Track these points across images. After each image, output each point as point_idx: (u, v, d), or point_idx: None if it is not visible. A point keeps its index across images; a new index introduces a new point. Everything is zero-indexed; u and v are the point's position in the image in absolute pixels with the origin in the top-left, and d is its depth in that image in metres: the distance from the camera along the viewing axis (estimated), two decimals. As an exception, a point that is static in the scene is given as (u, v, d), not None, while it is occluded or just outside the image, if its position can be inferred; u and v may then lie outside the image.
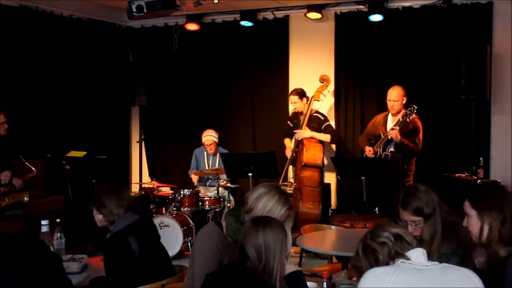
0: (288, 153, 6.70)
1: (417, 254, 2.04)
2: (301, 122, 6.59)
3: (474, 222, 2.50)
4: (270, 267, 2.27)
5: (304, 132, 6.50)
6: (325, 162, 6.65)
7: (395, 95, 5.94)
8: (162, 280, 3.02)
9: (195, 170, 7.06)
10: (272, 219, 2.44)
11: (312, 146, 6.46)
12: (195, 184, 7.00)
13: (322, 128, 6.53)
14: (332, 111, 7.18)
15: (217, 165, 6.92)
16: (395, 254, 2.05)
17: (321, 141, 6.53)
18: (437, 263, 2.06)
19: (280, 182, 6.40)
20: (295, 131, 6.60)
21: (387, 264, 2.04)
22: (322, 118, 6.58)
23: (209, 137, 6.96)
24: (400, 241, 2.07)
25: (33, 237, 2.89)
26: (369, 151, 6.05)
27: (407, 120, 5.73)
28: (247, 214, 2.70)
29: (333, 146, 7.15)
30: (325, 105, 7.04)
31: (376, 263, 2.05)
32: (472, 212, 2.51)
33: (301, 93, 6.58)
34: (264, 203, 2.69)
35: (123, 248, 3.03)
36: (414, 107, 5.65)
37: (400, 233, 2.10)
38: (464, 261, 2.61)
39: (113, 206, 3.15)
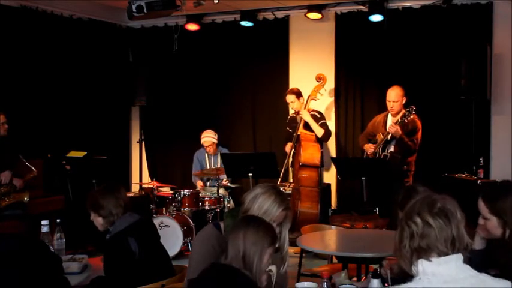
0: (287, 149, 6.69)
1: (447, 266, 1.80)
2: (298, 123, 6.61)
3: (494, 226, 2.47)
4: (249, 270, 2.25)
5: (305, 114, 6.52)
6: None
7: (394, 96, 5.94)
8: (162, 280, 3.02)
9: (198, 171, 7.04)
10: (258, 220, 2.42)
11: (309, 145, 6.47)
12: (201, 188, 6.97)
13: (318, 124, 6.56)
14: (330, 110, 7.19)
15: (218, 165, 6.92)
16: (419, 248, 1.83)
17: (318, 141, 6.54)
18: (474, 273, 1.83)
19: (279, 182, 6.40)
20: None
21: (410, 250, 1.83)
22: (319, 116, 6.62)
23: (207, 138, 6.96)
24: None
25: (33, 238, 2.88)
26: (369, 147, 6.05)
27: (406, 121, 5.73)
28: (244, 215, 2.68)
29: (333, 146, 7.16)
30: (322, 104, 7.04)
31: (401, 241, 1.88)
32: (489, 216, 2.48)
33: (297, 93, 6.63)
34: (260, 203, 2.67)
35: (123, 249, 3.03)
36: (413, 108, 5.64)
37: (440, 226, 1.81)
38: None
39: (111, 205, 3.15)
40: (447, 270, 1.80)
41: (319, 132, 6.50)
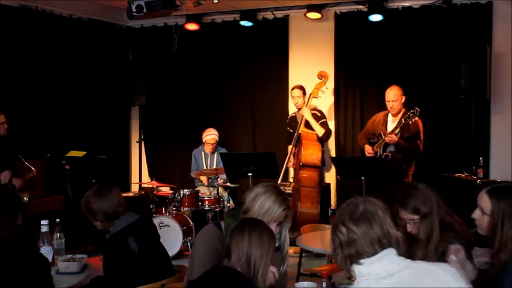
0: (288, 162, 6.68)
1: (381, 262, 1.84)
2: (299, 122, 6.60)
3: (487, 221, 2.41)
4: (255, 273, 2.25)
5: (306, 112, 6.52)
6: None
7: (393, 95, 5.93)
8: (162, 280, 3.02)
9: (197, 171, 7.06)
10: (260, 223, 2.41)
11: (310, 145, 6.46)
12: (206, 184, 6.99)
13: (319, 123, 6.56)
14: (331, 110, 7.19)
15: (215, 165, 6.93)
16: (349, 255, 1.88)
17: (319, 140, 6.54)
18: (409, 263, 1.86)
19: (279, 182, 6.40)
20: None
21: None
22: (319, 115, 6.62)
23: (212, 135, 7.01)
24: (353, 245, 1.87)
25: (24, 239, 2.84)
26: (368, 151, 6.05)
27: (410, 122, 5.70)
28: (245, 215, 2.68)
29: (333, 146, 7.15)
30: (324, 102, 7.04)
31: (334, 249, 1.96)
32: (488, 210, 2.41)
33: (303, 89, 6.65)
34: (260, 203, 2.66)
35: (122, 248, 3.02)
36: (417, 110, 5.57)
37: (355, 238, 1.87)
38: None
39: (105, 208, 3.12)
40: (381, 266, 1.83)
41: (320, 131, 6.49)
